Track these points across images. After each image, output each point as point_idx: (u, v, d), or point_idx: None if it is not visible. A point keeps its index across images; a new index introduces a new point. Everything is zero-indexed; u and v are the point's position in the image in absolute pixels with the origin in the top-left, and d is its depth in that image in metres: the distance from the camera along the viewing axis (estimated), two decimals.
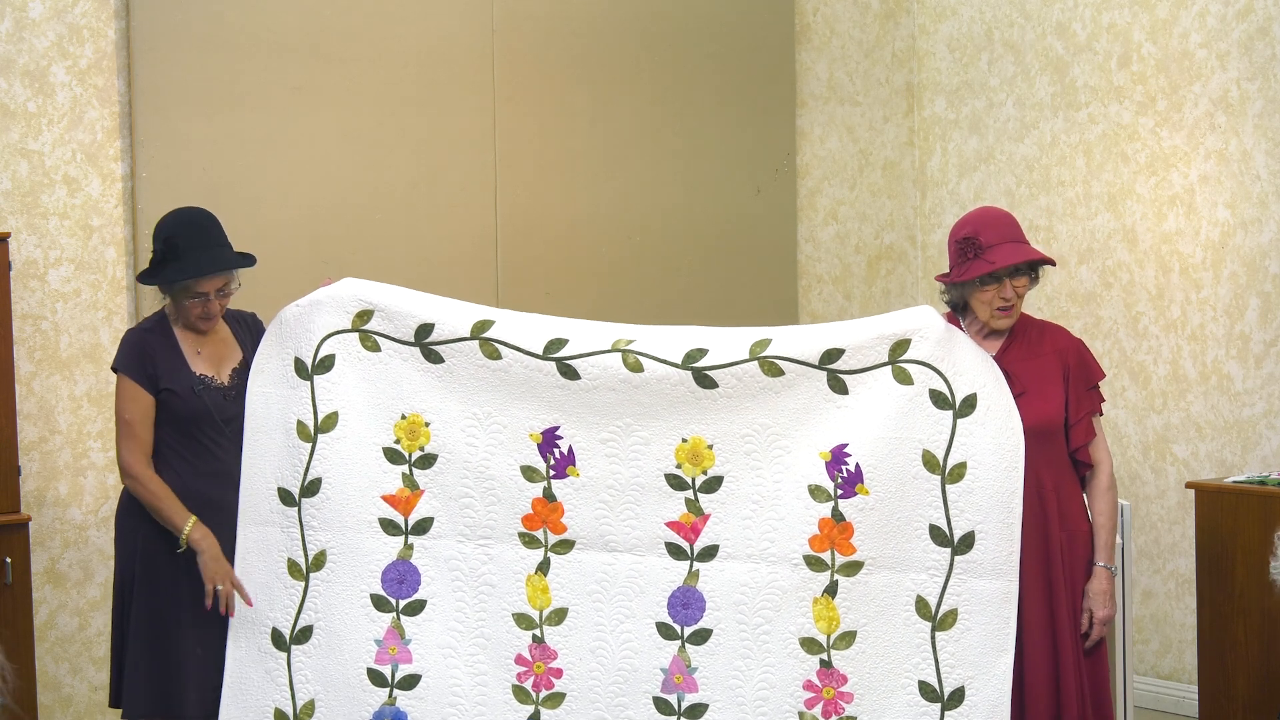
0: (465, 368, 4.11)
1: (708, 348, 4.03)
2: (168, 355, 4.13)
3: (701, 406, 4.01)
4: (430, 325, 4.14)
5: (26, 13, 5.34)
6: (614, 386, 4.03)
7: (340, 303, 4.20)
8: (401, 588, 4.07)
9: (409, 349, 4.14)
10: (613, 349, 4.05)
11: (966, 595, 3.91)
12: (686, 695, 3.98)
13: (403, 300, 4.21)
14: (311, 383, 4.17)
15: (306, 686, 4.06)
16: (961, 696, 3.88)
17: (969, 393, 3.95)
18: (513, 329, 4.13)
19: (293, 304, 4.26)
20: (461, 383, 4.11)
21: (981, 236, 4.02)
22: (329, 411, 4.15)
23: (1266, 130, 5.75)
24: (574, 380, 4.04)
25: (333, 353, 4.17)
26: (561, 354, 4.06)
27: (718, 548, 4.00)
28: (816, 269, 6.82)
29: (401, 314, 4.17)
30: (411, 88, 5.91)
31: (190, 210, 4.25)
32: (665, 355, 4.03)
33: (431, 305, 4.20)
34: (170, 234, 4.12)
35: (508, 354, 4.09)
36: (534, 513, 4.04)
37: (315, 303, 4.22)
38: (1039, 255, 4.04)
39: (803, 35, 6.77)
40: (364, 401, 4.14)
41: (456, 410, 4.11)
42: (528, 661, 4.03)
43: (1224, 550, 5.20)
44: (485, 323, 4.13)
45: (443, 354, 4.13)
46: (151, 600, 4.09)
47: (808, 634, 3.94)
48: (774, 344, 4.01)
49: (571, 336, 4.09)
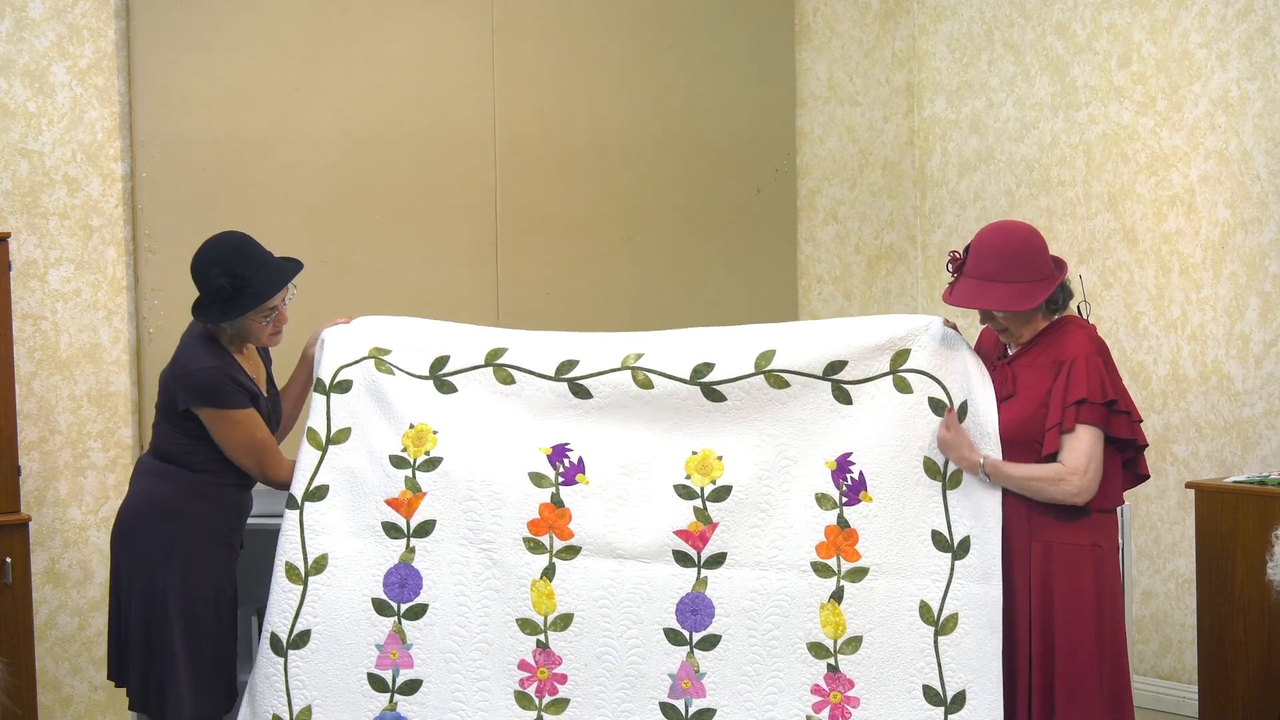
0: (478, 395, 4.18)
1: (714, 361, 4.10)
2: (243, 376, 4.17)
3: (710, 420, 4.07)
4: (445, 358, 4.23)
5: (26, 13, 5.34)
6: (625, 404, 4.11)
7: (355, 343, 4.27)
8: (403, 591, 4.07)
9: (423, 382, 4.20)
10: (623, 366, 4.13)
11: (966, 599, 3.94)
12: (694, 700, 3.98)
13: (417, 335, 4.29)
14: (328, 398, 4.22)
15: (303, 692, 4.05)
16: (963, 700, 3.90)
17: (964, 399, 4.02)
18: (525, 353, 4.20)
19: (311, 343, 4.35)
20: (473, 407, 4.17)
21: (966, 261, 4.03)
22: (342, 426, 4.19)
23: (1266, 130, 5.75)
24: (586, 399, 4.12)
25: (350, 378, 4.23)
26: (573, 374, 4.15)
27: (725, 555, 4.01)
28: (816, 269, 6.82)
29: (416, 349, 4.25)
30: (411, 88, 5.91)
31: (229, 236, 4.18)
32: (674, 371, 4.10)
33: (446, 336, 4.29)
34: (230, 265, 4.08)
35: (521, 378, 4.17)
36: (541, 518, 4.04)
37: (329, 343, 4.28)
38: (961, 302, 4.00)
39: (803, 35, 6.77)
40: (377, 416, 4.18)
41: (466, 424, 4.14)
42: (531, 667, 4.03)
43: (1224, 550, 5.20)
44: (499, 350, 4.21)
45: (456, 384, 4.20)
46: (196, 607, 4.11)
47: (815, 639, 3.97)
48: (779, 356, 4.07)
49: (582, 357, 4.17)
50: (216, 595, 4.12)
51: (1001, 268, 3.96)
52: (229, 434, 4.11)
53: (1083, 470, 3.90)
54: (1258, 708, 5.10)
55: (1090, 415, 3.91)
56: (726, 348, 4.14)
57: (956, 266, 4.05)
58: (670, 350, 4.16)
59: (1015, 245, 4.00)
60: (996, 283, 3.96)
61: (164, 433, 4.19)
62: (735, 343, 4.15)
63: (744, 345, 4.13)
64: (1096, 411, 3.92)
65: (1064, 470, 3.90)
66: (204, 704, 4.11)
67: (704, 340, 4.19)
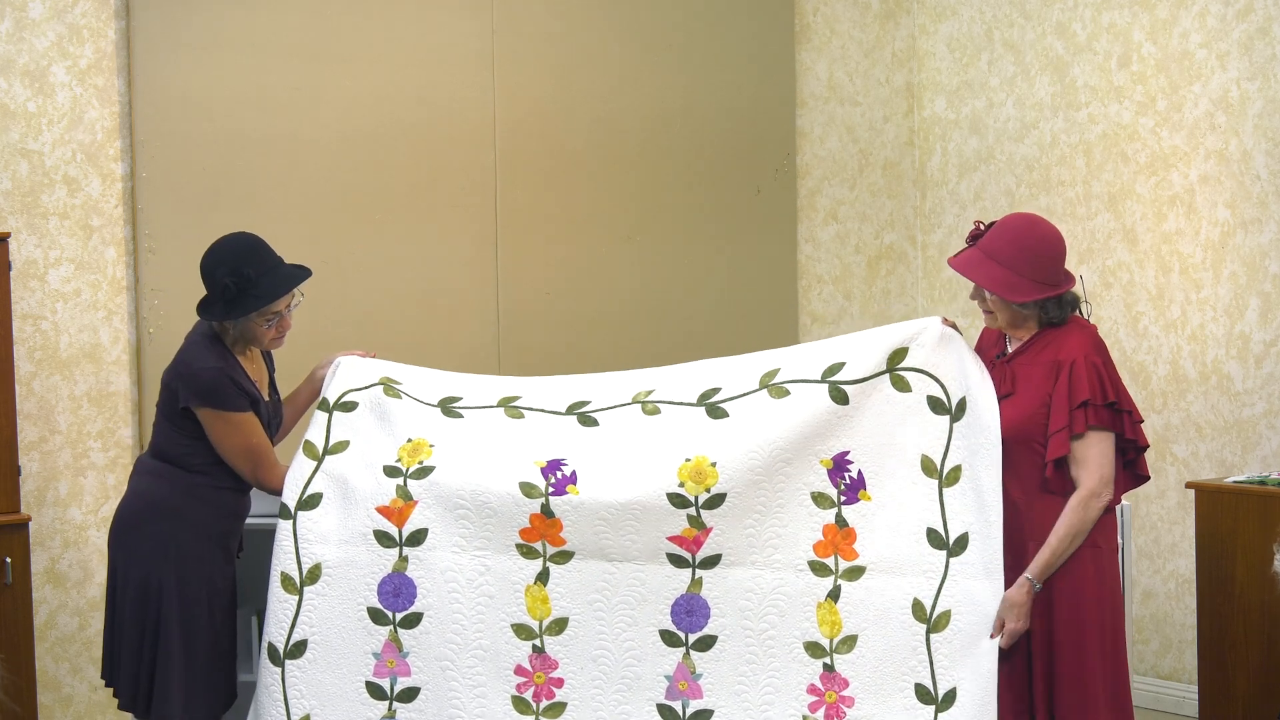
0: (484, 422, 4.20)
1: (721, 385, 4.14)
2: (244, 379, 4.17)
3: (710, 432, 4.07)
4: (457, 397, 4.27)
5: (26, 13, 5.34)
6: (630, 429, 4.13)
7: (368, 372, 4.31)
8: (397, 600, 4.06)
9: (430, 408, 4.24)
10: (633, 401, 4.18)
11: (960, 597, 3.93)
12: (691, 702, 3.98)
13: (431, 377, 4.34)
14: (330, 415, 4.24)
15: (301, 701, 4.06)
16: (954, 698, 3.89)
17: (961, 396, 4.01)
18: (537, 397, 4.25)
19: (323, 365, 4.38)
20: (476, 429, 4.19)
21: (985, 236, 4.06)
22: (341, 439, 4.20)
23: (1266, 130, 5.75)
24: (592, 428, 4.15)
25: (356, 400, 4.26)
26: (583, 410, 4.19)
27: (720, 556, 4.01)
28: (816, 269, 6.82)
29: (428, 385, 4.29)
30: (411, 88, 5.91)
31: (240, 237, 4.20)
32: (682, 398, 4.14)
33: (460, 382, 4.34)
34: (236, 265, 4.09)
35: (530, 415, 4.21)
36: (532, 527, 4.04)
37: (342, 368, 4.32)
38: (958, 267, 4.05)
39: (803, 35, 6.77)
40: (377, 432, 4.20)
41: (466, 440, 4.16)
42: (528, 672, 4.02)
43: (1224, 550, 5.20)
44: (511, 396, 4.27)
45: (463, 413, 4.23)
46: (190, 607, 4.11)
47: (812, 638, 3.97)
48: (782, 372, 4.10)
49: (594, 396, 4.22)
50: (211, 596, 4.12)
51: (1009, 253, 3.98)
52: (226, 436, 4.12)
53: (1108, 480, 3.92)
54: (1258, 708, 5.10)
55: (1098, 418, 3.92)
56: (733, 372, 4.17)
57: (973, 236, 4.08)
58: (679, 382, 4.21)
59: (1031, 239, 4.01)
60: (997, 264, 3.98)
61: (164, 432, 4.19)
62: (742, 367, 4.19)
63: (750, 368, 4.17)
64: (1104, 414, 3.93)
65: (1085, 494, 3.91)
66: (196, 705, 4.11)
67: (712, 369, 4.23)
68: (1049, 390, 3.96)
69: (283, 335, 4.24)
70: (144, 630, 4.10)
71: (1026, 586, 3.90)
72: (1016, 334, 4.07)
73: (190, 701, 4.10)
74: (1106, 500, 3.93)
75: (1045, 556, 3.90)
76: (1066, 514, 3.90)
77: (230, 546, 4.20)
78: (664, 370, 4.29)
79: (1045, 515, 3.95)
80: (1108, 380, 3.96)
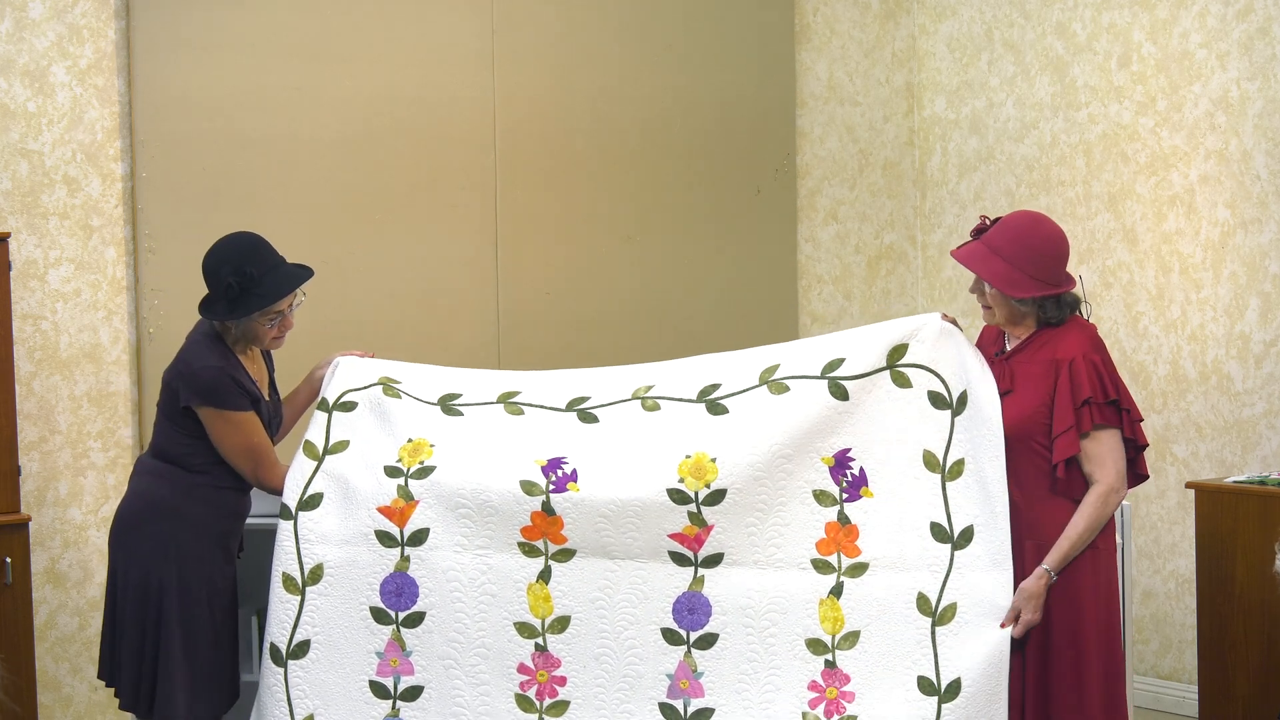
0: (484, 420, 4.21)
1: (721, 381, 4.15)
2: (245, 379, 4.17)
3: (709, 428, 4.08)
4: (456, 394, 4.27)
5: (26, 13, 5.34)
6: (630, 425, 4.13)
7: (367, 372, 4.32)
8: (400, 600, 4.07)
9: (430, 407, 4.24)
10: (633, 397, 4.19)
11: (965, 589, 3.93)
12: (693, 700, 3.98)
13: (430, 374, 4.35)
14: (330, 415, 4.24)
15: (305, 701, 4.06)
16: (958, 688, 3.89)
17: (962, 390, 4.02)
18: (537, 392, 4.26)
19: (322, 365, 4.39)
20: (477, 428, 4.19)
21: (990, 230, 4.08)
22: (340, 439, 4.21)
23: (1266, 130, 5.75)
24: (592, 424, 4.16)
25: (355, 400, 4.26)
26: (583, 407, 4.20)
27: (722, 555, 4.01)
28: (816, 269, 6.82)
29: (427, 383, 4.30)
30: (411, 88, 5.91)
31: (243, 236, 4.20)
32: (682, 394, 4.15)
33: (459, 378, 4.34)
34: (240, 264, 4.09)
35: (530, 411, 4.21)
36: (533, 524, 4.04)
37: (341, 368, 4.32)
38: (961, 259, 4.05)
39: (803, 35, 6.77)
40: (377, 432, 4.20)
41: (466, 440, 4.16)
42: (530, 670, 4.02)
43: (1224, 550, 5.20)
44: (511, 391, 4.27)
45: (463, 411, 4.23)
46: (191, 607, 4.11)
47: (813, 635, 3.97)
48: (781, 368, 4.11)
49: (593, 392, 4.22)
50: (212, 596, 4.12)
51: (1012, 249, 4.00)
52: (227, 435, 4.12)
53: (1124, 474, 3.96)
54: (1258, 708, 5.10)
55: (1104, 415, 3.94)
56: (733, 368, 4.18)
57: (978, 230, 4.09)
58: (679, 377, 4.21)
59: (1035, 237, 4.02)
60: (1000, 258, 3.99)
61: (165, 431, 4.19)
62: (741, 363, 4.19)
63: (750, 363, 4.18)
64: (1108, 411, 3.94)
65: (1104, 489, 3.92)
66: (198, 704, 4.11)
67: (712, 364, 4.23)
68: (1048, 388, 3.96)
69: (284, 335, 4.24)
70: (145, 630, 4.10)
71: (1045, 578, 3.91)
72: (1014, 331, 4.08)
73: (193, 701, 4.10)
74: (1124, 495, 3.97)
75: (1064, 548, 3.91)
76: (1085, 508, 3.91)
77: (231, 546, 4.20)
78: (663, 365, 4.30)
79: (1045, 515, 3.95)
80: (1108, 378, 3.96)
